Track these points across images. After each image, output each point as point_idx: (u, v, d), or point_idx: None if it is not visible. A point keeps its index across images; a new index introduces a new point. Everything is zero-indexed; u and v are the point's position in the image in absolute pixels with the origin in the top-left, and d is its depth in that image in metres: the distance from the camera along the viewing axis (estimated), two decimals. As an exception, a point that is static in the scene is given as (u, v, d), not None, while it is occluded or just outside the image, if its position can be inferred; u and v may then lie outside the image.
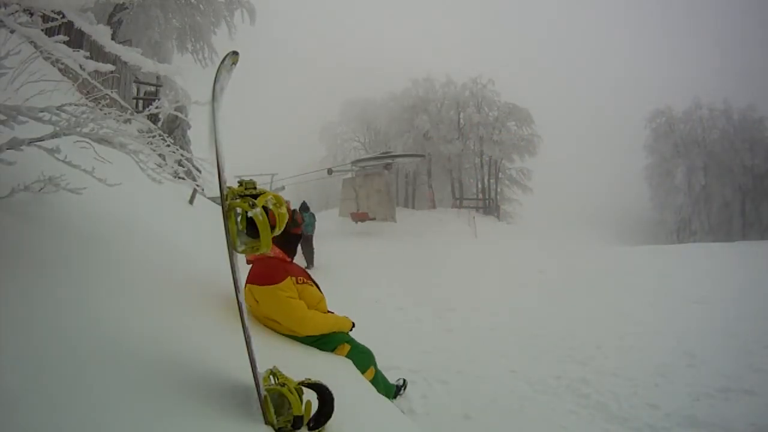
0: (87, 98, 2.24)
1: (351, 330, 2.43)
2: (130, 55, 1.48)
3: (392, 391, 2.60)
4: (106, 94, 2.11)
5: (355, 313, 2.75)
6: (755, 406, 2.53)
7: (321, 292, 2.38)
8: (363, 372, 2.35)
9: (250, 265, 2.28)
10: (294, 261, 2.43)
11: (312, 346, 2.21)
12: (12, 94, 1.71)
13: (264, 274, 2.13)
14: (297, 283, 2.19)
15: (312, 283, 2.33)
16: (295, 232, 2.35)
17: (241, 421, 1.29)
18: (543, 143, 22.64)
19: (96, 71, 1.52)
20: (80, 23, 1.33)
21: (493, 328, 4.60)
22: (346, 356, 2.32)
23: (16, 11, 1.33)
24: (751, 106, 23.36)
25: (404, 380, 3.09)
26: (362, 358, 2.38)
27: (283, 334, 2.21)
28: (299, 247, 8.64)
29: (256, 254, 2.00)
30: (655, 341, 3.75)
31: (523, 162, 23.31)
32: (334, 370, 2.19)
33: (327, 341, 2.26)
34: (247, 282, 2.21)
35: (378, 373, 2.54)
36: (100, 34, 1.36)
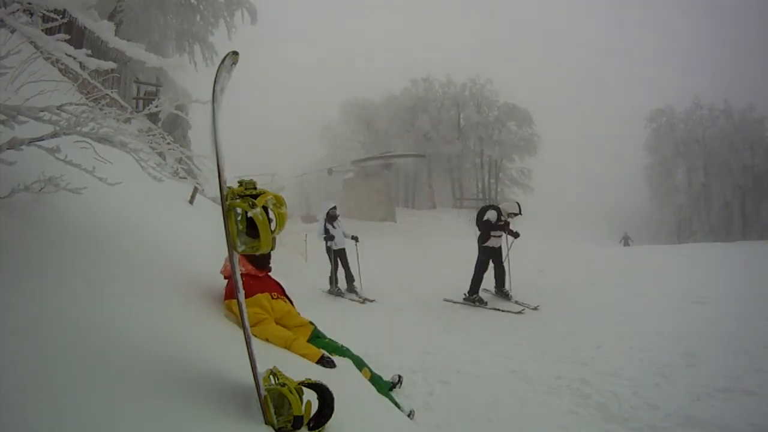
0: (87, 98, 2.24)
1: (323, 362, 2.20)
2: (133, 49, 1.48)
3: (386, 387, 2.60)
4: (107, 94, 2.11)
5: (356, 313, 2.76)
6: (755, 406, 2.52)
7: (293, 306, 2.42)
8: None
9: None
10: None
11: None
12: (12, 94, 1.71)
13: (228, 289, 2.22)
14: (273, 298, 2.25)
15: (285, 299, 2.38)
16: None
17: (241, 421, 1.29)
18: (543, 143, 22.67)
19: (96, 71, 1.53)
20: (84, 20, 1.33)
21: (493, 328, 4.60)
22: None
23: (17, 11, 1.32)
24: (751, 106, 23.37)
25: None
26: (380, 386, 2.45)
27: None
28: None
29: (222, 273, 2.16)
30: (655, 341, 3.74)
31: (523, 162, 23.33)
32: (334, 371, 2.19)
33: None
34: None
35: (373, 373, 2.57)
36: (104, 30, 1.36)
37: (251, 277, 2.24)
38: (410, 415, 2.61)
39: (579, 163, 36.95)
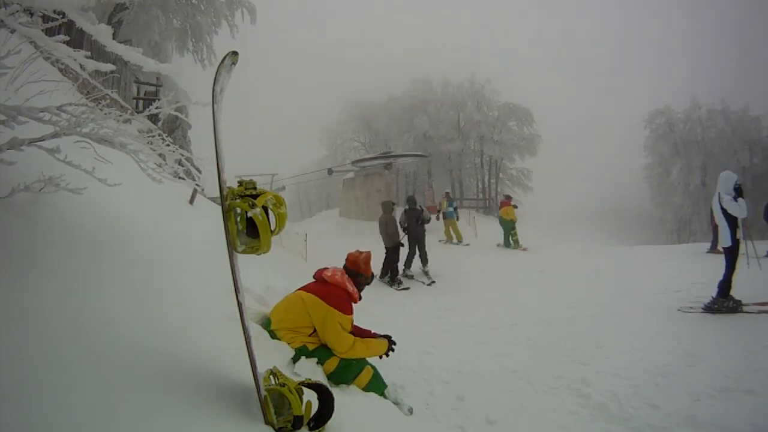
0: (87, 98, 2.24)
1: (387, 352, 2.75)
2: (131, 54, 1.48)
3: (383, 388, 2.62)
4: (107, 95, 2.11)
5: (357, 313, 2.77)
6: (755, 406, 2.52)
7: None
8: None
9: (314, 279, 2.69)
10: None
11: (336, 371, 2.43)
12: (12, 94, 1.71)
13: (337, 297, 2.50)
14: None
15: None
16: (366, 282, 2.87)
17: (241, 421, 1.29)
18: (543, 143, 22.62)
19: (96, 71, 1.53)
20: (81, 23, 1.34)
21: (494, 328, 4.60)
22: (365, 387, 2.49)
23: (17, 11, 1.32)
24: (748, 106, 23.36)
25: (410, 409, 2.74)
26: (379, 385, 2.58)
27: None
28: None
29: (326, 276, 2.60)
30: (656, 341, 3.74)
31: (523, 162, 23.29)
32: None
33: (350, 369, 2.47)
34: (307, 290, 2.53)
35: (375, 371, 2.59)
36: (102, 33, 1.36)
37: (352, 298, 2.64)
38: (409, 412, 2.61)
39: (579, 163, 36.97)
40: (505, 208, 10.83)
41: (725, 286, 4.40)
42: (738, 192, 4.58)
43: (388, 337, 2.82)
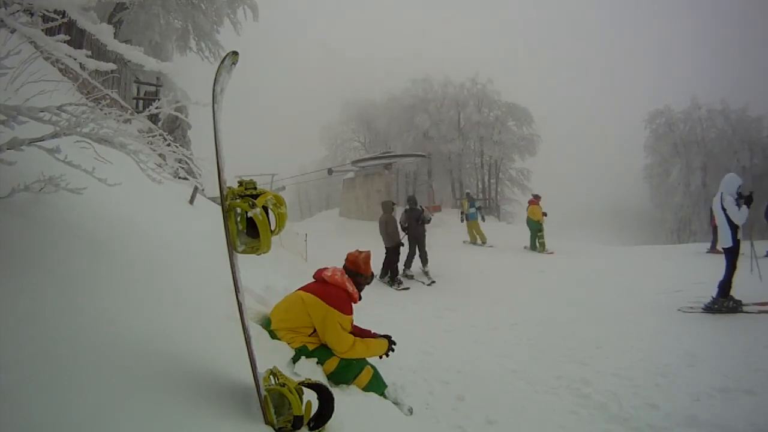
0: (87, 98, 2.24)
1: (387, 352, 2.75)
2: (132, 53, 1.48)
3: (383, 388, 2.62)
4: (107, 95, 2.11)
5: (357, 313, 2.77)
6: (755, 406, 2.52)
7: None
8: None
9: (314, 279, 2.69)
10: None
11: (336, 371, 2.43)
12: (12, 94, 1.71)
13: (337, 297, 2.51)
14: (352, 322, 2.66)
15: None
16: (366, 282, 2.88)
17: (241, 421, 1.29)
18: (543, 143, 22.63)
19: (96, 71, 1.53)
20: (83, 22, 1.34)
21: (494, 328, 4.60)
22: (365, 387, 2.49)
23: (17, 11, 1.32)
24: (748, 106, 23.35)
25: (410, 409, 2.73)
26: (379, 384, 2.59)
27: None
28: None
29: (326, 276, 2.58)
30: (656, 341, 3.74)
31: (523, 162, 23.30)
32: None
33: (350, 369, 2.47)
34: (307, 290, 2.54)
35: (376, 371, 2.59)
36: (103, 32, 1.36)
37: (352, 298, 2.65)
38: (409, 412, 2.61)
39: (579, 163, 36.99)
40: (532, 207, 9.94)
41: (725, 286, 4.40)
42: (748, 200, 4.54)
43: (388, 337, 2.81)
